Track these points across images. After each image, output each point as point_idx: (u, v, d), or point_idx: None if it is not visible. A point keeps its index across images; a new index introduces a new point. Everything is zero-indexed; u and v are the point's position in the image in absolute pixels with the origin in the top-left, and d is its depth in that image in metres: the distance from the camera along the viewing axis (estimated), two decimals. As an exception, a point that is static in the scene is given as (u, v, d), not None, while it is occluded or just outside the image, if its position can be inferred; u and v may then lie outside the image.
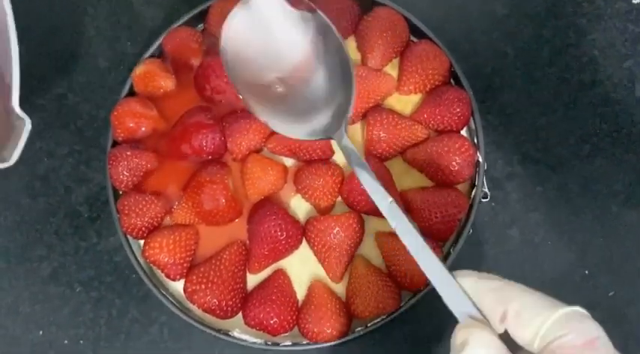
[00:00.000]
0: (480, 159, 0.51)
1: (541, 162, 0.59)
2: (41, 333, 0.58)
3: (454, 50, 0.53)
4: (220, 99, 0.52)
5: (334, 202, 0.51)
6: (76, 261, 0.59)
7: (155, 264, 0.50)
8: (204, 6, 0.55)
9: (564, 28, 0.61)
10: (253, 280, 0.51)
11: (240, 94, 0.46)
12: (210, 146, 0.50)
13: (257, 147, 0.51)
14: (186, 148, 0.51)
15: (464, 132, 0.52)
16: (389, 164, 0.51)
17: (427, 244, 0.33)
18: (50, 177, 0.61)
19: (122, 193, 0.52)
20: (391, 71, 0.53)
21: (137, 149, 0.51)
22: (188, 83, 0.53)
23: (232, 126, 0.51)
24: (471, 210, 0.50)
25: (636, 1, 0.61)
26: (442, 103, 0.50)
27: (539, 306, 0.28)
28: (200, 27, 0.56)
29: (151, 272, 0.53)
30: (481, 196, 0.51)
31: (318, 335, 0.47)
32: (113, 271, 0.59)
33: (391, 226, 0.35)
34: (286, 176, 0.51)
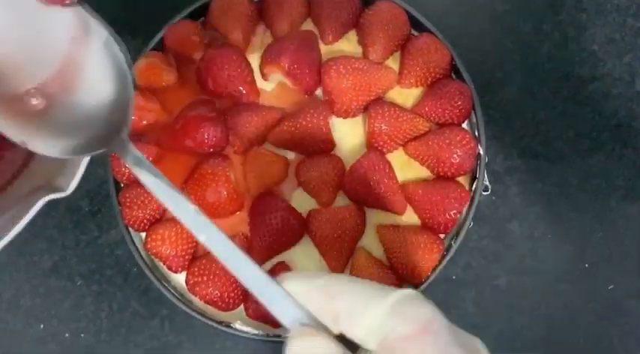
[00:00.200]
0: (481, 152, 0.51)
1: (541, 156, 0.59)
2: (42, 326, 0.58)
3: (454, 45, 0.53)
4: (222, 92, 0.52)
5: (335, 195, 0.51)
6: (77, 254, 0.59)
7: (157, 256, 0.50)
8: (205, -1, 0.55)
9: (564, 23, 0.62)
10: (255, 273, 0.51)
11: None
12: (211, 139, 0.50)
13: (259, 140, 0.51)
14: (188, 141, 0.51)
15: (465, 125, 0.53)
16: (390, 157, 0.51)
17: (242, 251, 0.29)
18: (51, 171, 0.61)
19: (123, 186, 0.52)
20: (392, 65, 0.54)
21: (139, 142, 0.51)
22: (189, 76, 0.53)
23: (234, 119, 0.51)
24: (472, 203, 0.50)
25: (635, -4, 0.61)
26: (443, 96, 0.50)
27: (367, 298, 0.25)
28: (201, 20, 0.56)
29: (153, 265, 0.53)
30: (482, 189, 0.51)
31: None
32: (114, 265, 0.59)
33: (199, 240, 0.31)
34: (288, 169, 0.51)
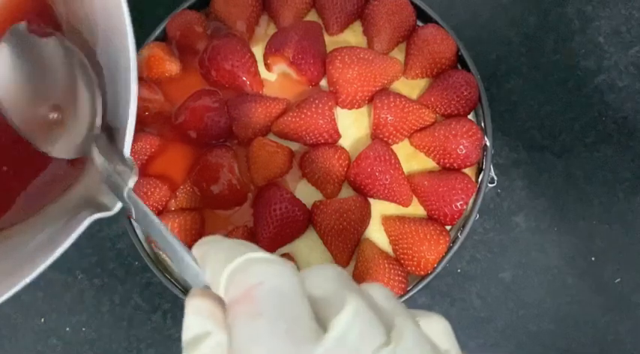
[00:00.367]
0: (488, 143, 0.50)
1: (547, 149, 0.58)
2: (43, 320, 0.58)
3: (459, 37, 0.53)
4: (225, 82, 0.52)
5: (340, 186, 0.50)
6: (78, 248, 0.58)
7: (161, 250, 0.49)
8: (208, -10, 0.55)
9: (569, 15, 0.61)
10: (259, 265, 0.50)
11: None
12: (215, 130, 0.50)
13: (263, 131, 0.51)
14: (191, 132, 0.50)
15: (470, 117, 0.52)
16: (396, 148, 0.50)
17: (162, 225, 0.29)
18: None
19: (126, 178, 0.51)
20: (398, 56, 0.53)
21: (142, 132, 0.51)
22: (193, 67, 0.53)
23: (238, 109, 0.50)
24: (479, 194, 0.50)
25: (642, -12, 0.61)
26: (449, 87, 0.50)
27: (225, 258, 0.23)
28: (204, 11, 0.56)
29: (156, 258, 0.52)
30: (488, 181, 0.51)
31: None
32: (116, 258, 0.59)
33: (135, 218, 0.31)
34: (292, 160, 0.51)
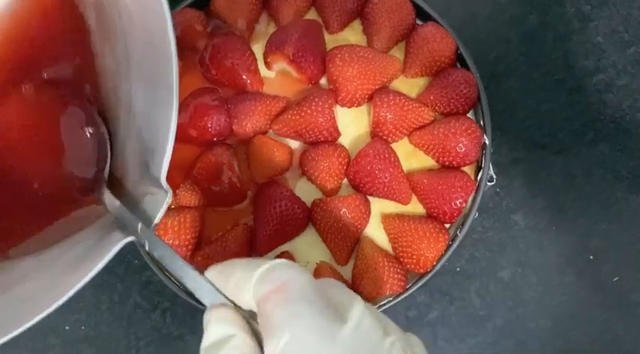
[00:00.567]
0: (487, 141, 0.50)
1: (545, 147, 0.59)
2: (42, 318, 0.58)
3: (459, 36, 0.53)
4: (225, 80, 0.52)
5: (340, 184, 0.50)
6: (78, 246, 0.58)
7: (160, 246, 0.49)
8: (209, -12, 0.55)
9: (568, 15, 0.61)
10: (258, 263, 0.50)
11: None
12: (215, 128, 0.50)
13: (263, 129, 0.51)
14: (191, 130, 0.50)
15: (469, 115, 0.52)
16: (395, 146, 0.50)
17: (172, 250, 0.33)
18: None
19: (126, 176, 0.51)
20: (397, 54, 0.53)
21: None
22: (193, 65, 0.53)
23: (237, 107, 0.50)
24: (478, 192, 0.50)
25: (640, -12, 0.61)
26: (449, 85, 0.50)
27: (248, 271, 0.29)
28: (205, 9, 0.56)
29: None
30: (487, 179, 0.51)
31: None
32: (115, 256, 0.58)
33: (148, 250, 0.33)
34: (292, 158, 0.51)
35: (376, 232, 0.50)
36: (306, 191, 0.51)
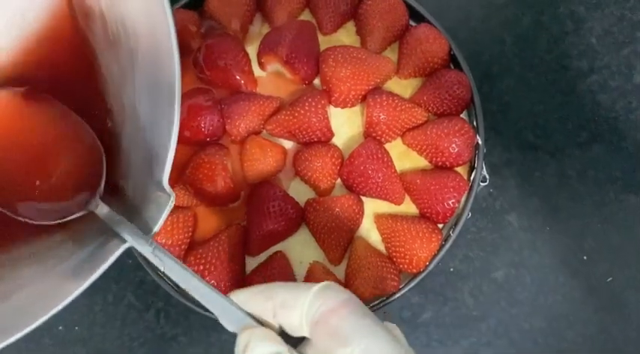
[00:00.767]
0: (480, 142, 0.50)
1: (539, 148, 0.59)
2: (36, 319, 0.58)
3: (453, 37, 0.53)
4: (219, 81, 0.52)
5: (333, 184, 0.50)
6: (72, 247, 0.58)
7: (153, 246, 0.49)
8: (203, -11, 0.55)
9: (562, 16, 0.62)
10: (253, 263, 0.50)
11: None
12: (208, 128, 0.50)
13: (256, 129, 0.51)
14: (185, 131, 0.50)
15: (463, 116, 0.52)
16: (388, 147, 0.50)
17: (194, 274, 0.33)
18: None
19: (119, 176, 0.52)
20: (391, 55, 0.53)
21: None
22: (186, 65, 0.53)
23: (231, 108, 0.50)
24: (471, 193, 0.50)
25: (633, -10, 0.61)
26: (442, 86, 0.50)
27: (297, 291, 0.31)
28: (199, 10, 0.56)
29: (148, 256, 0.52)
30: (480, 180, 0.51)
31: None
32: (109, 257, 0.58)
33: (161, 270, 0.34)
34: (285, 158, 0.51)
35: (369, 232, 0.50)
36: (299, 191, 0.51)
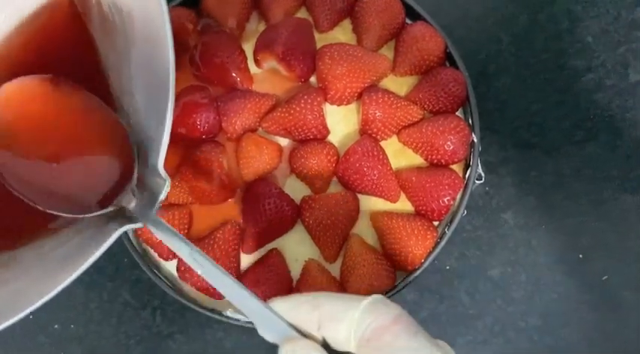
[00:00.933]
0: (475, 139, 0.50)
1: (535, 147, 0.59)
2: (31, 317, 0.57)
3: (449, 35, 0.53)
4: (215, 78, 0.52)
5: (329, 182, 0.50)
6: (68, 244, 0.58)
7: (148, 243, 0.49)
8: (199, -13, 0.55)
9: (559, 15, 0.62)
10: (248, 260, 0.50)
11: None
12: (204, 125, 0.50)
13: (252, 126, 0.51)
14: (180, 128, 0.50)
15: (458, 114, 0.52)
16: (384, 144, 0.50)
17: (234, 279, 0.33)
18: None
19: (115, 173, 0.51)
20: (387, 53, 0.53)
21: (131, 128, 0.51)
22: (183, 63, 0.53)
23: (227, 105, 0.50)
24: (466, 190, 0.50)
25: (629, -11, 0.61)
26: (437, 84, 0.50)
27: (344, 304, 0.30)
28: (196, 9, 0.56)
29: (144, 254, 0.52)
30: (475, 177, 0.51)
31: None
32: (105, 255, 0.57)
33: (198, 273, 0.33)
34: (281, 156, 0.51)
35: (365, 230, 0.50)
36: (295, 189, 0.51)
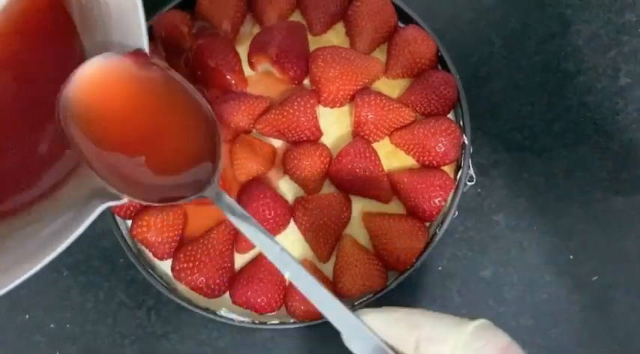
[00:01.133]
0: (466, 141, 0.51)
1: (527, 149, 0.59)
2: (27, 317, 0.58)
3: (441, 38, 0.54)
4: (210, 81, 0.52)
5: (322, 183, 0.51)
6: (64, 245, 0.59)
7: (143, 243, 0.50)
8: (194, -10, 0.55)
9: (550, 18, 0.62)
10: (241, 260, 0.51)
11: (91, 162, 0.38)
12: (199, 127, 0.51)
13: (246, 128, 0.52)
14: (175, 129, 0.51)
15: (450, 116, 0.53)
16: (376, 146, 0.51)
17: (324, 286, 0.32)
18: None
19: (111, 174, 0.52)
20: (380, 56, 0.54)
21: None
22: (178, 66, 0.54)
23: (221, 107, 0.51)
24: (457, 191, 0.51)
25: (619, -7, 0.62)
26: (429, 86, 0.51)
27: (447, 325, 0.29)
28: (191, 12, 0.57)
29: (140, 255, 0.53)
30: (467, 179, 0.52)
31: (305, 314, 0.48)
32: (101, 256, 0.59)
33: (284, 275, 0.33)
34: (275, 157, 0.52)
35: (357, 230, 0.51)
36: (288, 190, 0.51)
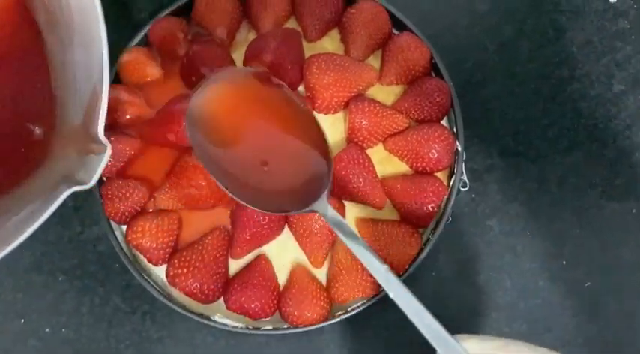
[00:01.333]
0: (459, 148, 0.52)
1: (520, 155, 0.60)
2: (22, 321, 0.58)
3: (436, 44, 0.54)
4: (205, 87, 0.53)
5: (316, 189, 0.51)
6: (59, 250, 0.59)
7: (138, 248, 0.50)
8: (190, -4, 0.56)
9: (544, 25, 0.63)
10: (235, 266, 0.51)
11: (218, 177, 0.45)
12: (194, 133, 0.51)
13: (240, 134, 0.52)
14: (170, 135, 0.51)
15: (444, 123, 0.54)
16: (370, 152, 0.51)
17: (425, 309, 0.33)
18: (35, 166, 0.61)
19: (105, 180, 0.52)
20: (374, 63, 0.55)
21: (122, 135, 0.52)
22: (174, 71, 0.54)
23: (216, 113, 0.51)
24: (450, 197, 0.51)
25: (612, 0, 0.62)
26: (422, 93, 0.51)
27: None
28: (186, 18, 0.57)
29: (135, 260, 0.53)
30: (460, 185, 0.52)
31: (298, 319, 0.48)
32: (96, 260, 0.59)
33: (390, 295, 0.35)
34: (269, 163, 0.52)
35: (351, 236, 0.51)
36: (282, 196, 0.52)
